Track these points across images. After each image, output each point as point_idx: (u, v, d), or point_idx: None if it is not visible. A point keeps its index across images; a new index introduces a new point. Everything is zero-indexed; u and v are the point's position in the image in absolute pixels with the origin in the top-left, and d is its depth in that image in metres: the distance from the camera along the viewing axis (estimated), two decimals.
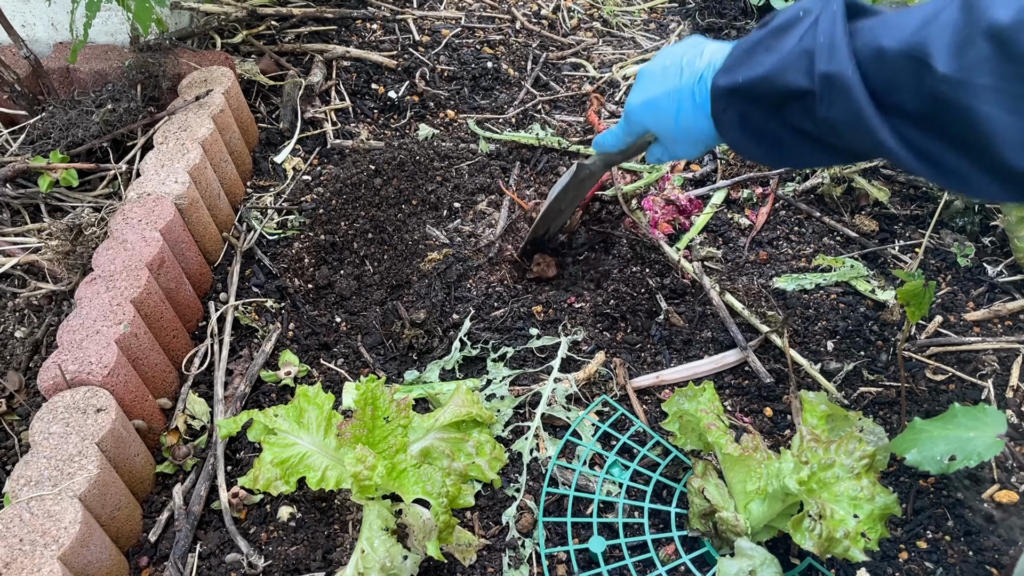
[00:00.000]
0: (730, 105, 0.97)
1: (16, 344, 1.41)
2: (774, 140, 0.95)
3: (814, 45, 0.84)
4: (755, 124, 0.96)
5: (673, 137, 1.11)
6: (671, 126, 1.09)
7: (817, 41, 0.84)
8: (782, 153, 0.96)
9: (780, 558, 1.09)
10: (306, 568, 1.16)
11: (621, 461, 1.28)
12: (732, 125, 0.98)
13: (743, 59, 0.94)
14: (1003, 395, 1.36)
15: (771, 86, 0.88)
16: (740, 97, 0.94)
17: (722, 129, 1.00)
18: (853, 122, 0.81)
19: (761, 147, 0.97)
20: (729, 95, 0.96)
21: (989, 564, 1.16)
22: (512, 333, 1.44)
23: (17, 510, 1.05)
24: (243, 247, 1.61)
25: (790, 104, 0.88)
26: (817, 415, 1.17)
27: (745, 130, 0.97)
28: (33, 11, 1.80)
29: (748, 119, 0.96)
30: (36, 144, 1.63)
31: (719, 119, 1.00)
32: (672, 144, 1.13)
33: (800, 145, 0.93)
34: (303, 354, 1.45)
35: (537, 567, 1.16)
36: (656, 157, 1.21)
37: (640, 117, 1.14)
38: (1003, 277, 1.56)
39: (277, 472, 1.09)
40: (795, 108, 0.88)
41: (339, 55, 2.01)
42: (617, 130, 1.24)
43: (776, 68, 0.88)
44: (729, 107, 0.97)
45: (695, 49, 1.05)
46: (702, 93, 1.02)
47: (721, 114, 0.98)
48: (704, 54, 1.03)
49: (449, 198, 1.70)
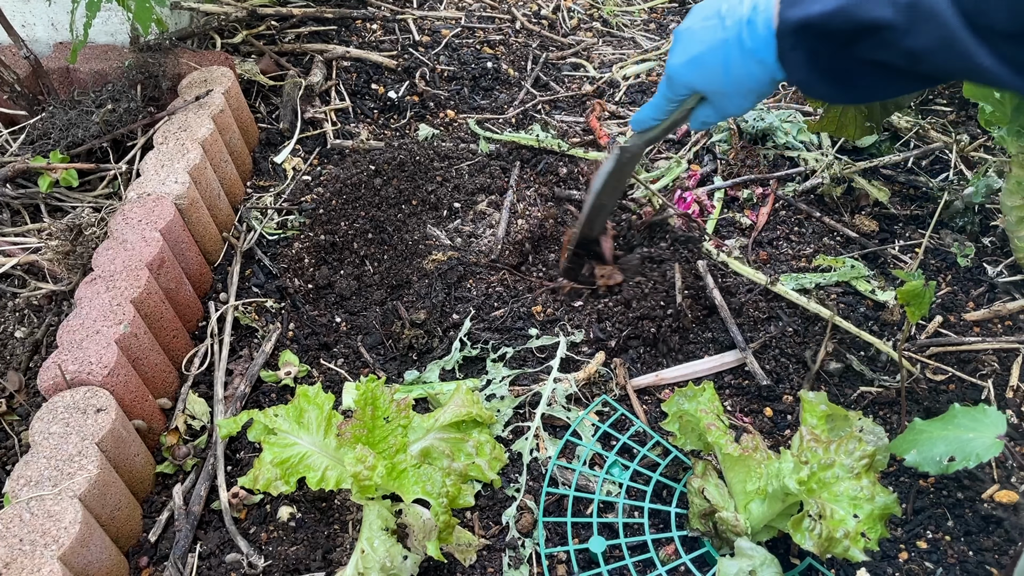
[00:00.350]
0: (799, 43, 0.93)
1: (16, 344, 1.41)
2: (846, 75, 0.92)
3: None
4: (826, 61, 0.92)
5: (724, 91, 1.07)
6: (721, 79, 1.05)
7: None
8: (854, 88, 0.94)
9: (780, 558, 1.09)
10: (306, 568, 1.16)
11: (621, 461, 1.28)
12: (800, 64, 0.94)
13: None
14: (1003, 395, 1.36)
15: (847, 19, 0.85)
16: (811, 33, 0.90)
17: (789, 68, 0.96)
18: (944, 48, 0.78)
19: (832, 84, 0.94)
20: (798, 32, 0.92)
21: (989, 564, 1.16)
22: (512, 333, 1.44)
23: (17, 510, 1.05)
24: (243, 247, 1.61)
25: (867, 37, 0.85)
26: (817, 415, 1.17)
27: (815, 68, 0.93)
28: (33, 11, 1.80)
29: (818, 56, 0.92)
30: (36, 144, 1.63)
31: (785, 58, 0.95)
32: (723, 100, 1.09)
33: (875, 78, 0.90)
34: (303, 354, 1.45)
35: (537, 567, 1.16)
36: (702, 121, 1.17)
37: (685, 77, 1.10)
38: (1003, 277, 1.56)
39: (277, 472, 1.09)
40: (873, 41, 0.85)
41: (339, 55, 2.01)
42: (657, 99, 1.19)
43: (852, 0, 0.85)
44: (798, 45, 0.93)
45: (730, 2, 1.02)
46: (753, 38, 0.98)
47: (788, 52, 0.94)
48: (744, 1, 1.00)
49: (449, 198, 1.70)
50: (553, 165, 1.80)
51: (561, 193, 1.72)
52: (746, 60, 1.00)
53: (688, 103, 1.16)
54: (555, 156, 1.81)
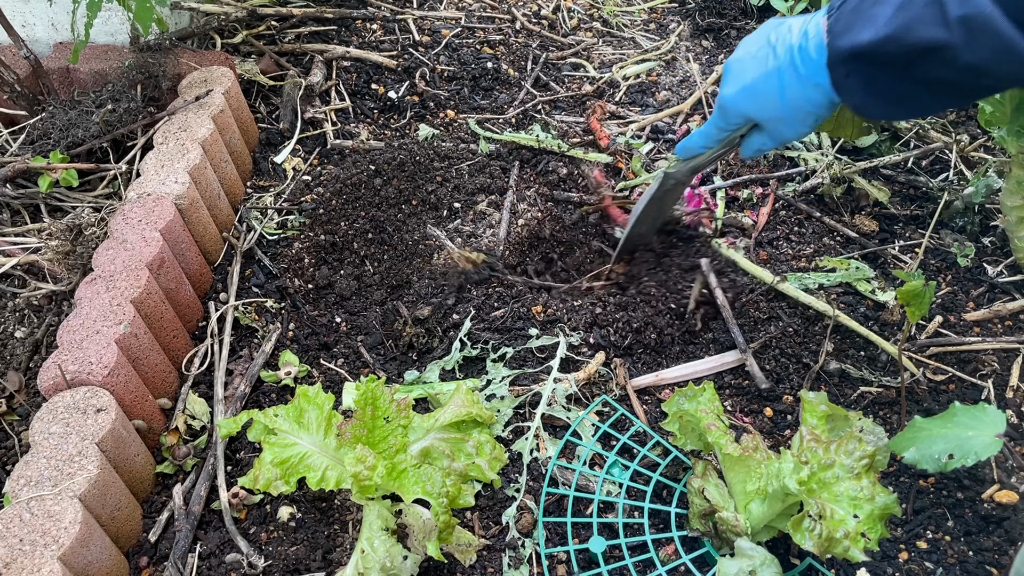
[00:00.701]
0: (853, 70, 0.93)
1: (16, 344, 1.41)
2: (904, 96, 0.92)
3: None
4: (883, 85, 0.92)
5: (780, 117, 1.07)
6: (777, 106, 1.06)
7: None
8: (913, 106, 0.94)
9: (780, 558, 1.09)
10: (306, 568, 1.16)
11: (621, 461, 1.28)
12: (856, 89, 0.94)
13: (854, 19, 0.90)
14: (1003, 395, 1.36)
15: (900, 44, 0.85)
16: (864, 61, 0.90)
17: (844, 95, 0.97)
18: (1006, 57, 0.78)
19: (890, 105, 0.94)
20: (849, 61, 0.92)
21: (989, 564, 1.16)
22: (512, 333, 1.44)
23: (17, 510, 1.05)
24: (243, 247, 1.61)
25: (924, 59, 0.84)
26: (817, 415, 1.17)
27: (871, 92, 0.93)
28: (33, 11, 1.80)
29: (874, 81, 0.92)
30: (36, 144, 1.63)
31: (841, 85, 0.96)
32: (779, 126, 1.10)
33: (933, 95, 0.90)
34: (303, 354, 1.45)
35: (537, 567, 1.16)
36: (756, 148, 1.18)
37: (740, 107, 1.11)
38: (1003, 277, 1.56)
39: (277, 472, 1.09)
40: (931, 61, 0.84)
41: (339, 55, 2.01)
42: (708, 128, 1.21)
43: (902, 24, 0.84)
44: (852, 72, 0.93)
45: (780, 28, 1.03)
46: (806, 63, 0.99)
47: (843, 80, 0.95)
48: (793, 28, 1.01)
49: (449, 198, 1.70)
50: (553, 165, 1.79)
51: (560, 195, 1.72)
52: (803, 85, 1.01)
53: (739, 131, 1.18)
54: (555, 156, 1.81)
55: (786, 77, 1.03)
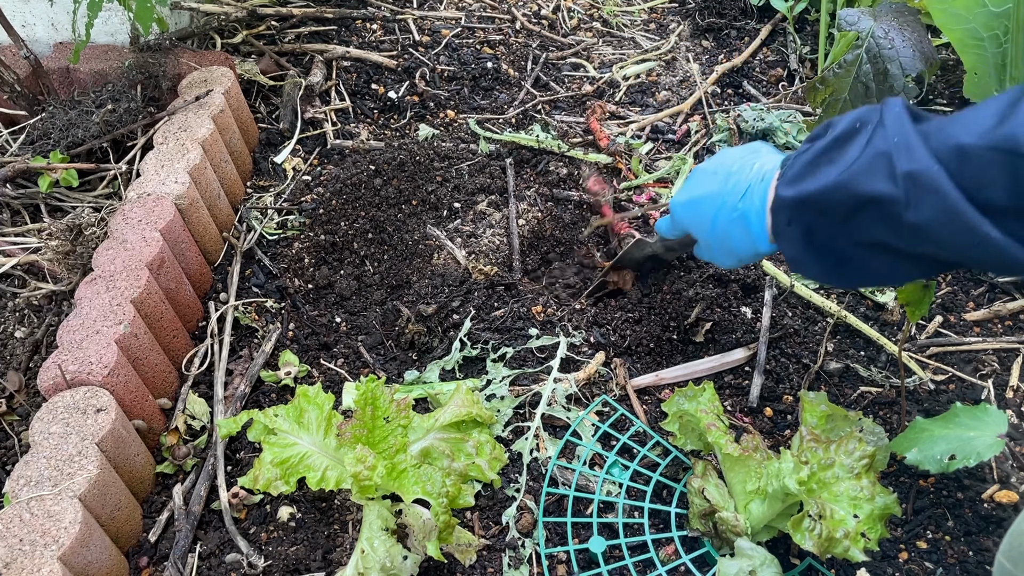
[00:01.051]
0: (795, 218, 0.92)
1: (16, 344, 1.41)
2: (842, 256, 0.91)
3: (888, 147, 0.81)
4: (822, 239, 0.91)
5: (708, 242, 1.10)
6: (707, 231, 1.08)
7: (891, 142, 0.81)
8: (849, 269, 0.92)
9: (780, 558, 1.09)
10: (306, 568, 1.16)
11: (621, 461, 1.28)
12: (795, 240, 0.93)
13: (807, 171, 0.90)
14: (1003, 395, 1.36)
15: (846, 193, 0.84)
16: (808, 208, 0.90)
17: (783, 244, 0.96)
18: (948, 220, 0.77)
19: (826, 265, 0.93)
20: (795, 207, 0.91)
21: (989, 564, 1.16)
22: (512, 333, 1.44)
23: (17, 510, 1.05)
24: (243, 247, 1.61)
25: (865, 213, 0.84)
26: (817, 415, 1.17)
27: (809, 245, 0.93)
28: (33, 11, 1.80)
29: (814, 233, 0.91)
30: (36, 144, 1.63)
31: (781, 233, 0.96)
32: (707, 249, 1.13)
33: (871, 259, 0.88)
34: (303, 354, 1.45)
35: (537, 567, 1.16)
36: (701, 254, 1.21)
37: (680, 216, 1.15)
38: (1003, 277, 1.56)
39: (277, 472, 1.09)
40: (872, 217, 0.83)
41: (339, 55, 2.01)
42: (667, 220, 1.26)
43: (850, 174, 0.84)
44: (794, 220, 0.92)
45: (748, 158, 1.03)
46: (746, 203, 1.00)
47: (784, 227, 0.94)
48: (755, 166, 1.01)
49: (449, 198, 1.70)
50: (554, 166, 1.79)
51: (560, 194, 1.72)
52: (733, 222, 1.02)
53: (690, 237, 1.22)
54: (555, 156, 1.81)
55: (722, 210, 1.04)
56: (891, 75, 1.46)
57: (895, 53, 1.47)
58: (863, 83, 1.48)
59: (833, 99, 1.51)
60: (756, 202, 0.98)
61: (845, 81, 1.49)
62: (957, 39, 1.41)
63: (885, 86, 1.46)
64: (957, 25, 1.39)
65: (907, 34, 1.49)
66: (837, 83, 1.50)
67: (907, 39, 1.48)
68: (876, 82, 1.47)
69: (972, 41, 1.39)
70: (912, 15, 1.54)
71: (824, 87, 1.51)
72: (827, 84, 1.51)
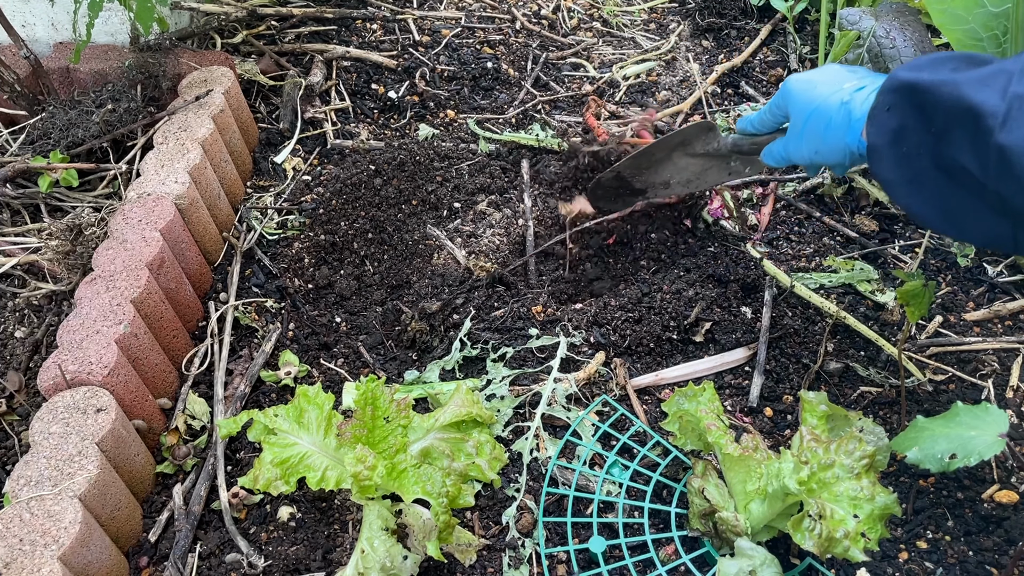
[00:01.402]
0: (896, 104, 0.92)
1: (16, 344, 1.41)
2: (921, 174, 0.90)
3: (1015, 68, 0.81)
4: (910, 144, 0.90)
5: (802, 126, 1.09)
6: (810, 111, 1.07)
7: (1020, 66, 0.81)
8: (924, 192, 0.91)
9: (780, 558, 1.09)
10: (306, 568, 1.16)
11: (621, 461, 1.28)
12: (885, 130, 0.94)
13: (931, 64, 0.90)
14: (1003, 395, 1.36)
15: (953, 95, 0.84)
16: (913, 98, 0.90)
17: (873, 129, 0.96)
18: None
19: (903, 173, 0.92)
20: (902, 91, 0.91)
21: (989, 564, 1.16)
22: (512, 333, 1.44)
23: (17, 510, 1.05)
24: (243, 247, 1.61)
25: (961, 129, 0.83)
26: (817, 415, 1.17)
27: (896, 144, 0.92)
28: (33, 11, 1.80)
29: (905, 133, 0.91)
30: (36, 144, 1.63)
31: (875, 117, 0.95)
32: (795, 137, 1.11)
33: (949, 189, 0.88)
34: (303, 354, 1.45)
35: (537, 567, 1.16)
36: (772, 155, 1.21)
37: (794, 89, 1.12)
38: (1003, 277, 1.56)
39: (277, 472, 1.09)
40: (965, 134, 0.83)
41: (339, 55, 2.01)
42: (762, 110, 1.24)
43: (967, 79, 0.84)
44: (894, 107, 0.92)
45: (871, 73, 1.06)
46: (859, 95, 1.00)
47: (882, 112, 0.94)
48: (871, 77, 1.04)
49: (449, 198, 1.70)
50: (554, 166, 1.79)
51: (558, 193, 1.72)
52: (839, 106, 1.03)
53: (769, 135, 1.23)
54: (555, 156, 1.81)
55: (837, 92, 1.04)
56: None
57: (897, 52, 1.47)
58: None
59: None
60: (867, 94, 1.00)
61: None
62: (956, 39, 1.40)
63: None
64: (956, 25, 1.39)
65: (908, 33, 1.49)
66: None
67: (908, 38, 1.48)
68: None
69: (971, 41, 1.39)
70: (912, 15, 1.54)
71: None
72: None
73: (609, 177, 1.50)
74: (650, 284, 1.50)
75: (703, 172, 1.46)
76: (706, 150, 1.42)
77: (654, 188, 1.51)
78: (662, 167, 1.48)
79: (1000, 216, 0.86)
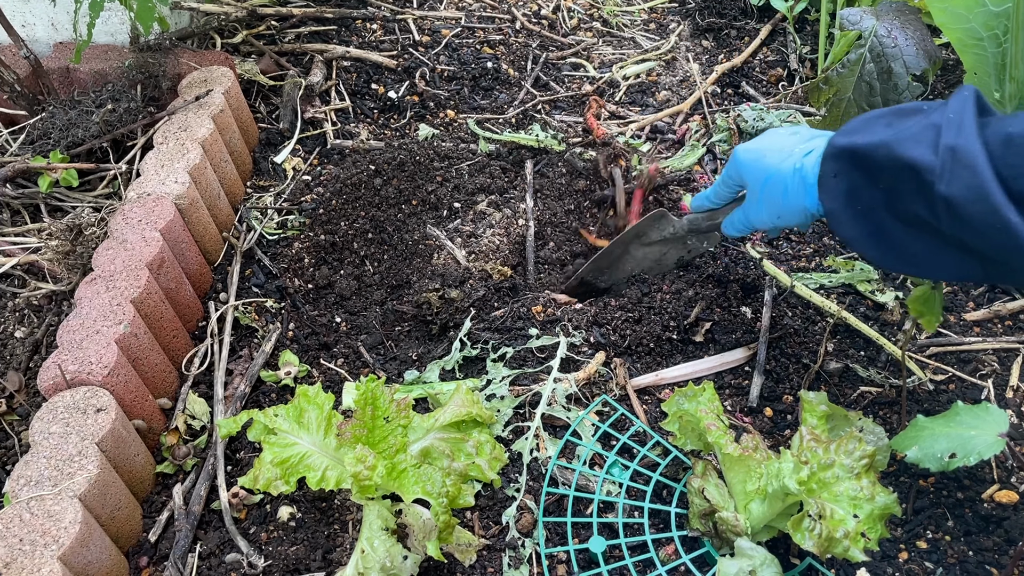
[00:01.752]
0: (841, 171, 0.96)
1: (16, 344, 1.41)
2: (881, 227, 0.93)
3: (942, 121, 0.84)
4: (864, 201, 0.94)
5: (759, 194, 1.13)
6: (764, 180, 1.11)
7: (945, 117, 0.84)
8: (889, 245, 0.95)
9: (780, 558, 1.09)
10: (306, 568, 1.16)
11: (621, 461, 1.28)
12: (837, 195, 0.97)
13: (863, 126, 0.95)
14: (1003, 395, 1.36)
15: (888, 154, 0.88)
16: (854, 163, 0.94)
17: (825, 196, 1.00)
18: (975, 199, 0.79)
19: (864, 230, 0.96)
20: (842, 157, 0.95)
21: (989, 564, 1.16)
22: (512, 333, 1.44)
23: (17, 510, 1.05)
24: (243, 247, 1.61)
25: (904, 182, 0.87)
26: (817, 415, 1.17)
27: (850, 206, 0.96)
28: (33, 11, 1.80)
29: (857, 195, 0.95)
30: (36, 144, 1.63)
31: (825, 185, 0.99)
32: (754, 204, 1.15)
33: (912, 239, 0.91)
34: (303, 354, 1.45)
35: (537, 567, 1.16)
36: (733, 225, 1.25)
37: (744, 160, 1.17)
38: None
39: (277, 472, 1.09)
40: (909, 187, 0.86)
41: (339, 55, 2.01)
42: (715, 184, 1.29)
43: (898, 137, 0.88)
44: (840, 173, 0.96)
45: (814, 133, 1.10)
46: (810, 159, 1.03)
47: (830, 179, 0.98)
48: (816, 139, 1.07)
49: (449, 198, 1.70)
50: (553, 162, 1.79)
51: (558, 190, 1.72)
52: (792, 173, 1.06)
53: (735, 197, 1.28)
54: (555, 155, 1.80)
55: (788, 159, 1.08)
56: (895, 74, 1.46)
57: (898, 51, 1.47)
58: (867, 82, 1.48)
59: (837, 99, 1.51)
60: (816, 158, 1.03)
61: (849, 80, 1.49)
62: (957, 39, 1.40)
63: (889, 85, 1.47)
64: (957, 25, 1.38)
65: (909, 32, 1.49)
66: (841, 83, 1.50)
67: (910, 37, 1.48)
68: (880, 81, 1.47)
69: (972, 41, 1.39)
70: (913, 14, 1.54)
71: (828, 87, 1.51)
72: (831, 84, 1.51)
73: (574, 285, 1.53)
74: (650, 284, 1.50)
75: (661, 257, 1.51)
76: (662, 236, 1.46)
77: (618, 285, 1.54)
78: (621, 262, 1.51)
79: (965, 255, 0.89)
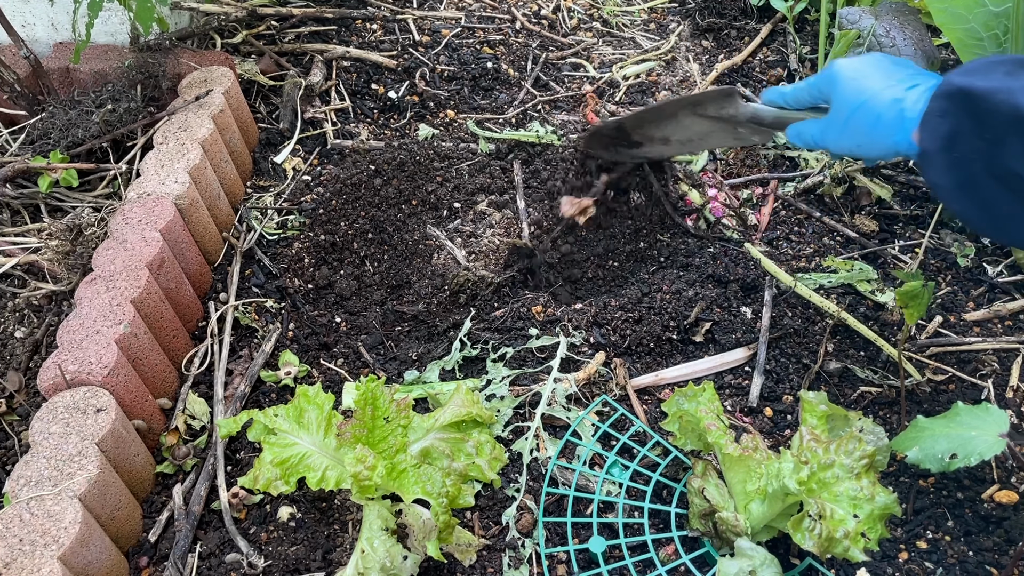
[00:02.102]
0: (949, 111, 0.89)
1: (16, 344, 1.41)
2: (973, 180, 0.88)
3: None
4: (962, 150, 0.88)
5: (849, 118, 1.03)
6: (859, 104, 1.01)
7: None
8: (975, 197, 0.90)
9: (780, 558, 1.09)
10: (306, 568, 1.16)
11: (621, 461, 1.28)
12: (938, 135, 0.91)
13: (985, 69, 0.88)
14: (1003, 395, 1.36)
15: (1008, 102, 0.82)
16: (966, 105, 0.87)
17: (925, 135, 0.93)
18: None
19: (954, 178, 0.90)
20: (955, 97, 0.89)
21: (989, 564, 1.16)
22: (512, 333, 1.44)
23: (17, 510, 1.05)
24: (243, 247, 1.61)
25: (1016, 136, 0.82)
26: (817, 415, 1.17)
27: (947, 149, 0.90)
28: (33, 11, 1.80)
29: (957, 139, 0.89)
30: (36, 144, 1.63)
31: (927, 123, 0.92)
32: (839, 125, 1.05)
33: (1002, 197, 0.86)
34: (303, 354, 1.45)
35: (537, 567, 1.16)
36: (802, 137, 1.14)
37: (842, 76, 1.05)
38: (1003, 277, 1.56)
39: (277, 472, 1.09)
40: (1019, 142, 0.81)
41: (339, 55, 2.01)
42: (796, 86, 1.17)
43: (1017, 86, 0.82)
44: (947, 113, 0.90)
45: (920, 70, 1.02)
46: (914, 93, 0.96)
47: (934, 118, 0.91)
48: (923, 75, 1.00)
49: (449, 198, 1.70)
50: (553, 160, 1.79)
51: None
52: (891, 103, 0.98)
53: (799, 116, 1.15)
54: (555, 155, 1.80)
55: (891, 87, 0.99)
56: None
57: (897, 51, 1.47)
58: None
59: None
60: (920, 92, 0.95)
61: None
62: (957, 39, 1.40)
63: None
64: (957, 25, 1.39)
65: (908, 32, 1.49)
66: None
67: (908, 37, 1.48)
68: None
69: (972, 41, 1.39)
70: (912, 14, 1.54)
71: None
72: None
73: (611, 126, 1.45)
74: (650, 284, 1.50)
75: (707, 134, 1.40)
76: (719, 113, 1.34)
77: (652, 143, 1.45)
78: (666, 123, 1.41)
79: None
